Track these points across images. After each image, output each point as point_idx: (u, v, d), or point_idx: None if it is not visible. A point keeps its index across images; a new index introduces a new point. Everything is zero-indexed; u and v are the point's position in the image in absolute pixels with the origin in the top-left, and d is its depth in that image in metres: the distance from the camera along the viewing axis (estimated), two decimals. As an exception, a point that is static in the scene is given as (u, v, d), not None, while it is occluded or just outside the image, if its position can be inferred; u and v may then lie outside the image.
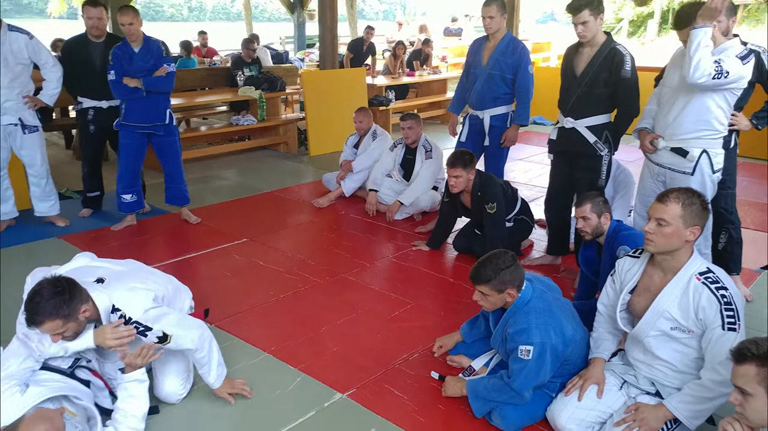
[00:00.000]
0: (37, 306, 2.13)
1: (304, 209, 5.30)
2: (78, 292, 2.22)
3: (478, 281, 2.49)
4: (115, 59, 4.37)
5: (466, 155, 3.87)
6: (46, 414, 2.06)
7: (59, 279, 2.21)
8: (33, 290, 2.16)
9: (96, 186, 5.10)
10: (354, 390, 2.72)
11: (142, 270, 2.71)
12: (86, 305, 2.26)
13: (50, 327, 2.17)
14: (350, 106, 6.33)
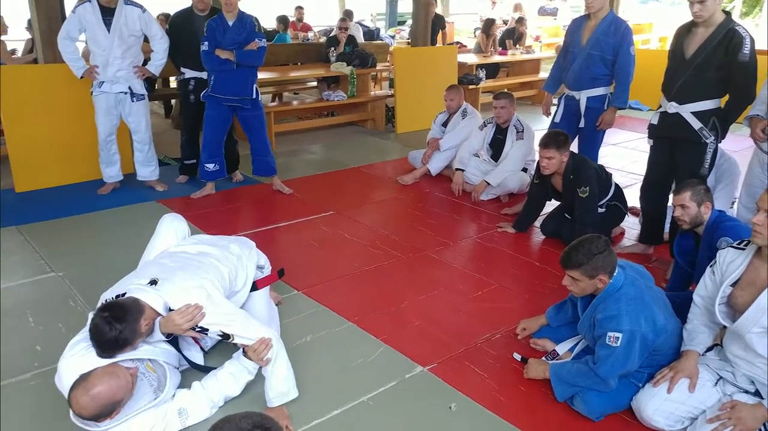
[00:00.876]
0: (102, 347, 2.19)
1: (389, 185, 5.34)
2: (130, 316, 2.21)
3: (569, 266, 2.44)
4: (209, 31, 4.50)
5: (560, 136, 3.77)
6: (113, 371, 2.14)
7: (107, 313, 2.19)
8: (91, 332, 2.20)
9: (193, 154, 5.32)
10: (435, 365, 2.74)
11: (199, 261, 2.59)
12: (143, 317, 2.27)
13: (122, 354, 2.24)
14: (440, 84, 6.28)
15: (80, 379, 2.11)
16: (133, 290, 2.34)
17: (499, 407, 2.47)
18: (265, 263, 2.93)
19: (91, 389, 2.06)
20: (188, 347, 2.64)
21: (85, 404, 2.05)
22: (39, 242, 3.99)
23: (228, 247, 2.74)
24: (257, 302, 2.82)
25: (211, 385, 2.40)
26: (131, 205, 4.74)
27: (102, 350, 2.21)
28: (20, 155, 4.90)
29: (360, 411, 2.45)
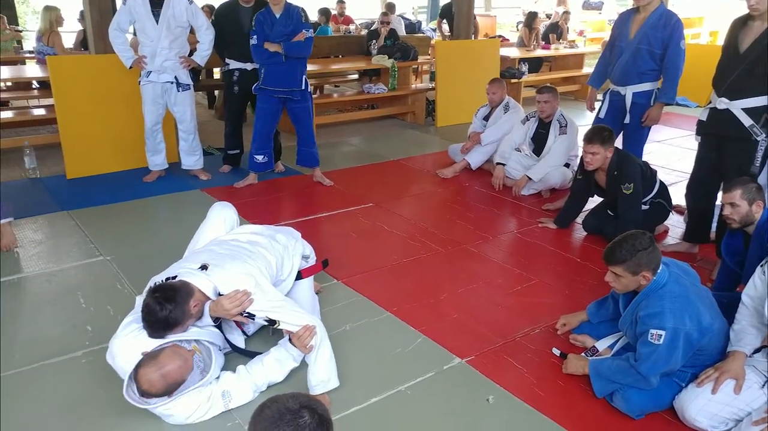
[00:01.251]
0: (153, 326, 2.28)
1: (429, 178, 5.34)
2: (180, 297, 2.29)
3: (612, 262, 2.41)
4: (257, 24, 4.56)
5: (605, 132, 3.72)
6: (181, 352, 2.25)
7: (158, 294, 2.27)
8: (142, 313, 2.28)
9: (236, 144, 5.41)
10: (473, 357, 2.74)
11: (248, 250, 2.63)
12: (193, 299, 2.34)
13: (172, 335, 2.31)
14: (482, 78, 6.26)
15: (149, 358, 2.19)
16: (184, 274, 2.41)
17: (537, 401, 2.46)
18: (311, 253, 2.97)
19: (162, 367, 2.16)
20: (231, 331, 2.70)
21: (155, 381, 2.15)
22: (88, 227, 4.12)
23: (274, 236, 2.79)
24: (302, 291, 2.86)
25: (257, 370, 2.45)
26: (176, 193, 4.85)
27: (152, 330, 2.29)
28: (71, 143, 5.05)
29: (398, 400, 2.47)
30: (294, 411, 1.20)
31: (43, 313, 3.11)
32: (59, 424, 2.31)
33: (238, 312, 2.38)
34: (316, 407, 1.23)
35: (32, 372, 2.62)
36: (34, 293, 3.32)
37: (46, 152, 5.62)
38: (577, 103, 8.66)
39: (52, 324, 3.00)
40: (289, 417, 1.19)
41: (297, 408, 1.20)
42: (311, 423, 1.19)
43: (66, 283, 3.39)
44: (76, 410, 2.38)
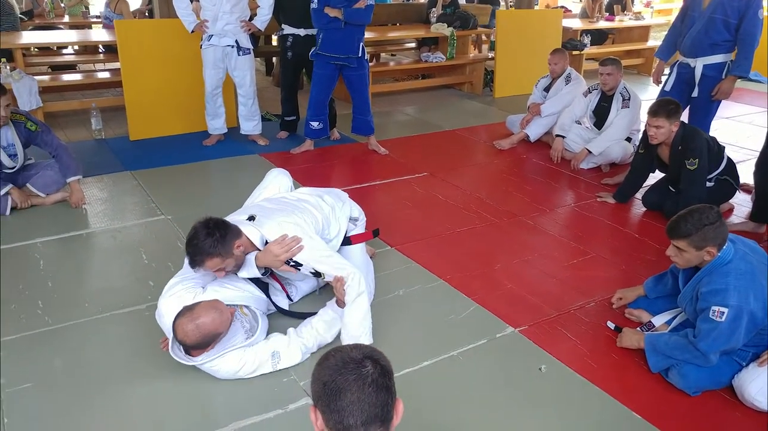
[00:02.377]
0: (196, 248, 2.34)
1: (485, 149, 5.28)
2: (229, 231, 2.37)
3: (677, 236, 2.35)
4: None
5: (671, 105, 3.59)
6: (218, 306, 2.29)
7: (210, 222, 2.37)
8: (189, 236, 2.37)
9: (292, 111, 5.45)
10: (526, 327, 2.74)
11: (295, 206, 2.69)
12: (239, 240, 2.40)
13: (210, 265, 2.37)
14: (543, 49, 6.11)
15: (186, 309, 2.27)
16: (234, 221, 2.50)
17: (589, 372, 2.45)
18: (360, 216, 2.96)
19: (197, 319, 2.22)
20: (276, 293, 2.77)
21: (189, 331, 2.21)
22: (150, 187, 4.25)
23: (322, 197, 2.82)
24: (354, 255, 2.87)
25: (306, 332, 2.50)
26: (234, 157, 4.94)
27: (192, 254, 2.36)
28: (135, 105, 5.19)
29: (449, 365, 2.49)
30: (357, 360, 1.22)
31: (109, 266, 3.25)
32: (124, 371, 2.43)
33: (287, 258, 2.40)
34: (378, 358, 1.25)
35: (100, 320, 2.75)
36: (101, 247, 3.46)
37: (110, 114, 5.81)
38: (641, 77, 8.39)
39: (117, 277, 3.13)
40: (353, 366, 1.21)
41: (360, 358, 1.23)
42: (373, 372, 1.21)
43: (130, 239, 3.52)
44: (140, 359, 2.49)
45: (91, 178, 4.33)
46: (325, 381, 1.21)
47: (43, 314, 2.77)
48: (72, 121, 5.79)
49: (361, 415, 1.19)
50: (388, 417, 1.23)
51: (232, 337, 2.36)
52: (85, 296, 2.93)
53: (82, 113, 5.91)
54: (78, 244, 3.50)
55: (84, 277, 3.15)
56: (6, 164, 3.74)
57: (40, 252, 3.35)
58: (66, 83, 6.30)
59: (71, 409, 2.22)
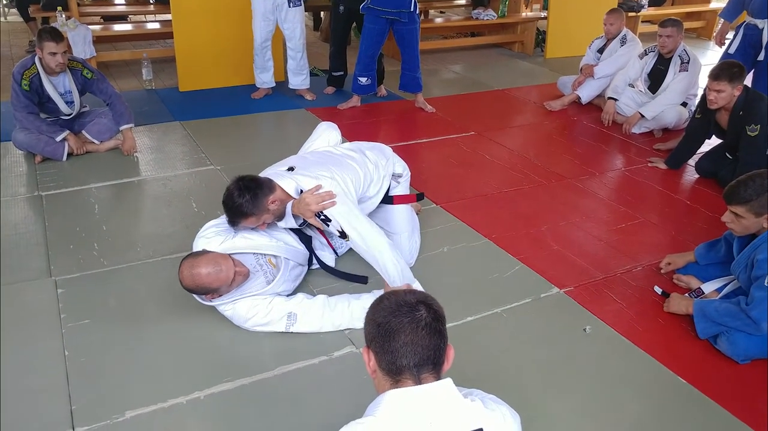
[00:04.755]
0: (230, 210, 2.40)
1: (535, 110, 5.19)
2: (260, 189, 2.38)
3: (735, 201, 2.29)
4: None
5: (734, 68, 3.45)
6: (219, 261, 2.27)
7: (241, 182, 2.38)
8: (223, 198, 2.41)
9: (341, 66, 5.42)
10: (571, 288, 2.72)
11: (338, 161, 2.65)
12: (273, 195, 2.40)
13: (247, 224, 2.43)
14: (598, 9, 5.94)
15: (192, 255, 2.33)
16: (271, 173, 2.52)
17: (635, 335, 2.43)
18: (404, 172, 2.89)
19: (194, 268, 2.26)
20: (322, 248, 2.79)
21: (184, 277, 2.28)
22: (199, 137, 4.31)
23: (365, 153, 2.75)
24: (398, 214, 2.84)
25: (340, 308, 2.42)
26: (282, 111, 4.97)
27: (229, 216, 2.43)
28: (185, 57, 5.24)
29: (494, 321, 2.50)
30: (411, 304, 1.24)
31: (159, 213, 3.33)
32: (175, 312, 2.51)
33: (319, 209, 2.38)
34: (432, 303, 1.27)
35: (151, 264, 2.84)
36: (152, 194, 3.55)
37: (160, 65, 5.88)
38: (700, 41, 8.07)
39: (168, 223, 3.21)
40: (406, 309, 1.23)
41: (414, 302, 1.24)
42: (427, 316, 1.23)
43: (180, 187, 3.60)
44: (190, 302, 2.55)
45: (142, 127, 4.41)
46: (380, 323, 1.24)
47: (99, 256, 2.87)
48: (123, 71, 5.89)
49: (414, 357, 1.21)
50: (440, 361, 1.25)
51: (250, 285, 2.38)
52: (137, 241, 3.02)
53: (132, 63, 6.00)
54: (130, 190, 3.59)
55: (136, 222, 3.25)
56: (63, 110, 3.84)
57: (95, 197, 3.45)
58: (117, 33, 6.38)
59: (126, 345, 2.31)
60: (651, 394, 2.16)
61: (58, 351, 2.26)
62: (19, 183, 3.57)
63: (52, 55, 3.57)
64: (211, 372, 2.18)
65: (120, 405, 2.03)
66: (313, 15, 8.32)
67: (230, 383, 2.14)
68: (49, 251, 2.90)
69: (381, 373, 1.25)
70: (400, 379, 1.23)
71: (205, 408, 2.04)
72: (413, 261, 2.84)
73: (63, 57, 3.62)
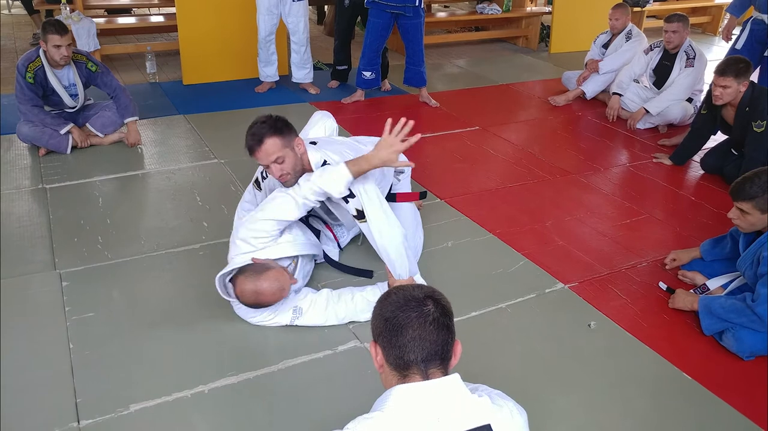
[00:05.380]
0: (257, 128, 2.28)
1: (539, 105, 5.18)
2: (290, 127, 2.32)
3: (741, 197, 2.29)
4: None
5: (741, 63, 3.43)
6: (282, 280, 2.21)
7: (272, 115, 2.32)
8: (251, 124, 2.30)
9: (344, 60, 5.40)
10: (576, 284, 2.72)
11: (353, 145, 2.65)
12: (298, 139, 2.33)
13: (270, 145, 2.24)
14: (603, 4, 5.89)
15: (255, 270, 2.21)
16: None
17: (639, 331, 2.43)
18: (405, 168, 2.88)
19: (259, 286, 2.17)
20: (326, 241, 2.78)
21: (247, 294, 2.19)
22: (203, 131, 4.31)
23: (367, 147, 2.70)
24: (403, 212, 2.79)
25: (344, 301, 2.41)
26: (285, 104, 4.95)
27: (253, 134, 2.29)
28: (189, 50, 5.23)
29: (497, 316, 2.50)
30: (419, 299, 1.24)
31: (164, 206, 3.32)
32: (178, 306, 2.51)
33: (406, 147, 2.32)
34: (439, 298, 1.27)
35: (156, 258, 2.83)
36: (156, 188, 3.54)
37: (163, 58, 5.87)
38: (706, 36, 8.04)
39: (172, 216, 3.20)
40: (414, 304, 1.23)
41: (422, 297, 1.24)
42: (434, 311, 1.23)
43: (184, 181, 3.59)
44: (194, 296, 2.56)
45: (145, 120, 4.41)
46: (387, 317, 1.24)
47: (103, 249, 2.87)
48: (127, 64, 5.88)
49: (422, 352, 1.21)
50: (447, 356, 1.25)
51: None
52: (141, 234, 3.02)
53: (136, 56, 5.99)
54: (134, 183, 3.59)
55: (140, 215, 3.24)
56: (67, 103, 3.84)
57: (99, 190, 3.45)
58: (122, 26, 6.37)
59: (130, 339, 2.31)
60: (655, 390, 2.15)
61: (62, 343, 2.26)
62: (23, 176, 3.57)
63: (56, 48, 3.57)
64: (216, 365, 2.19)
65: (125, 398, 2.03)
66: (316, 9, 8.29)
67: (234, 377, 2.14)
68: (54, 244, 2.90)
69: (388, 368, 1.25)
70: (408, 374, 1.23)
71: (210, 402, 2.04)
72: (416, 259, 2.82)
73: (67, 50, 3.62)
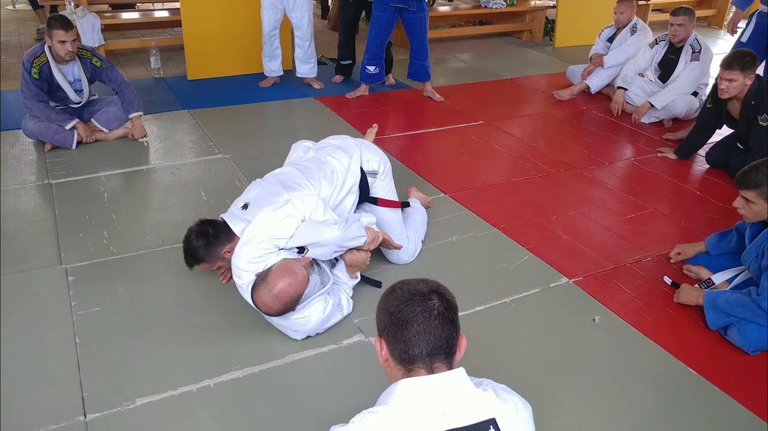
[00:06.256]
0: (185, 253, 2.41)
1: (544, 99, 5.16)
2: (216, 238, 2.35)
3: (746, 186, 2.28)
4: None
5: (747, 57, 3.42)
6: (290, 267, 2.13)
7: (200, 227, 2.38)
8: (183, 238, 2.41)
9: (349, 54, 5.40)
10: (580, 278, 2.72)
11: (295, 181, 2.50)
12: (229, 245, 2.34)
13: (201, 267, 2.43)
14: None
15: (260, 280, 2.13)
16: (228, 214, 2.47)
17: (644, 325, 2.42)
18: (380, 167, 2.73)
19: (273, 289, 2.08)
20: None
21: (270, 304, 2.10)
22: (207, 126, 4.31)
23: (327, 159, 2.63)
24: (384, 215, 2.73)
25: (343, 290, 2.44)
26: (290, 99, 4.96)
27: (184, 255, 2.42)
28: (193, 45, 5.23)
29: (502, 311, 2.51)
30: (424, 293, 1.24)
31: (169, 201, 3.33)
32: (183, 301, 2.52)
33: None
34: (444, 292, 1.27)
35: (161, 252, 2.85)
36: (161, 183, 3.55)
37: (167, 53, 5.87)
38: (711, 29, 8.00)
39: (178, 211, 3.21)
40: (419, 298, 1.24)
41: (426, 291, 1.25)
42: (439, 305, 1.23)
43: (189, 176, 3.60)
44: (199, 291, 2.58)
45: (150, 115, 4.41)
46: (392, 312, 1.24)
47: (108, 244, 2.88)
48: (131, 59, 5.89)
49: (427, 346, 1.21)
50: (452, 351, 1.25)
51: (311, 289, 2.27)
52: (146, 229, 3.03)
53: (140, 51, 6.00)
54: (139, 179, 3.60)
55: (145, 210, 3.25)
56: (72, 99, 3.85)
57: (104, 185, 3.46)
58: (126, 21, 6.37)
59: (136, 333, 2.32)
60: (660, 385, 2.15)
61: (69, 338, 2.27)
62: (29, 171, 3.58)
63: (61, 44, 3.57)
64: (221, 360, 2.20)
65: (131, 392, 2.04)
66: (320, 3, 8.29)
67: (240, 371, 2.15)
68: (60, 239, 2.91)
69: (393, 362, 1.26)
70: (413, 368, 1.23)
71: (215, 396, 2.05)
72: (411, 258, 2.80)
73: (72, 45, 3.62)
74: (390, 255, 2.76)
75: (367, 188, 2.70)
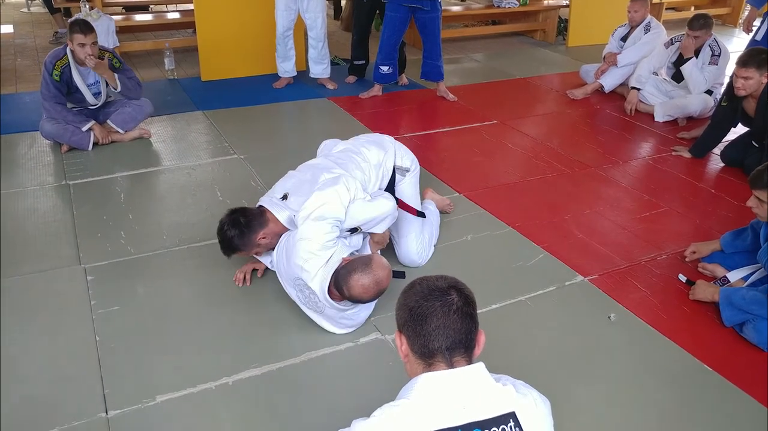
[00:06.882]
0: (221, 243, 2.51)
1: (557, 98, 5.16)
2: (249, 226, 2.44)
3: (760, 186, 2.28)
4: None
5: (762, 54, 3.40)
6: (386, 264, 2.23)
7: (233, 216, 2.47)
8: (217, 229, 2.51)
9: (362, 55, 5.42)
10: (596, 276, 2.72)
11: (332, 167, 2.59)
12: (263, 231, 2.45)
13: (240, 255, 2.54)
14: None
15: (360, 265, 2.18)
16: (266, 201, 2.55)
17: (659, 323, 2.42)
18: (411, 165, 2.83)
19: (376, 275, 2.16)
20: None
21: (369, 287, 2.15)
22: (222, 127, 4.34)
23: (359, 152, 2.71)
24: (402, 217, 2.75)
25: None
26: (303, 100, 4.98)
27: (220, 246, 2.52)
28: (207, 47, 5.27)
29: (518, 309, 2.51)
30: (442, 289, 1.26)
31: (185, 202, 3.36)
32: (201, 300, 2.55)
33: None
34: (462, 288, 1.29)
35: (178, 252, 2.87)
36: (177, 183, 3.58)
37: (182, 55, 5.92)
38: (726, 28, 7.95)
39: (194, 212, 3.24)
40: (438, 293, 1.25)
41: (445, 287, 1.26)
42: (458, 301, 1.25)
43: (204, 177, 3.63)
44: (217, 290, 2.61)
45: (164, 116, 4.46)
46: (411, 307, 1.26)
47: (126, 244, 2.92)
48: (145, 61, 5.94)
49: (446, 340, 1.23)
50: (471, 345, 1.27)
51: None
52: (163, 229, 3.06)
53: (154, 53, 6.05)
54: (155, 179, 3.63)
55: (161, 211, 3.28)
56: (90, 101, 3.89)
57: (121, 186, 3.50)
58: (140, 23, 6.44)
59: (155, 332, 2.35)
60: (676, 381, 2.16)
61: (89, 337, 2.31)
62: (47, 172, 3.63)
63: (81, 47, 3.63)
64: (239, 358, 2.22)
65: (151, 389, 2.07)
66: (333, 4, 8.32)
67: (258, 369, 2.17)
68: (78, 239, 2.95)
69: (413, 357, 1.27)
70: (433, 362, 1.25)
71: (234, 394, 2.07)
72: (423, 262, 2.79)
73: (92, 48, 3.67)
74: (402, 258, 2.77)
75: (392, 187, 2.75)
